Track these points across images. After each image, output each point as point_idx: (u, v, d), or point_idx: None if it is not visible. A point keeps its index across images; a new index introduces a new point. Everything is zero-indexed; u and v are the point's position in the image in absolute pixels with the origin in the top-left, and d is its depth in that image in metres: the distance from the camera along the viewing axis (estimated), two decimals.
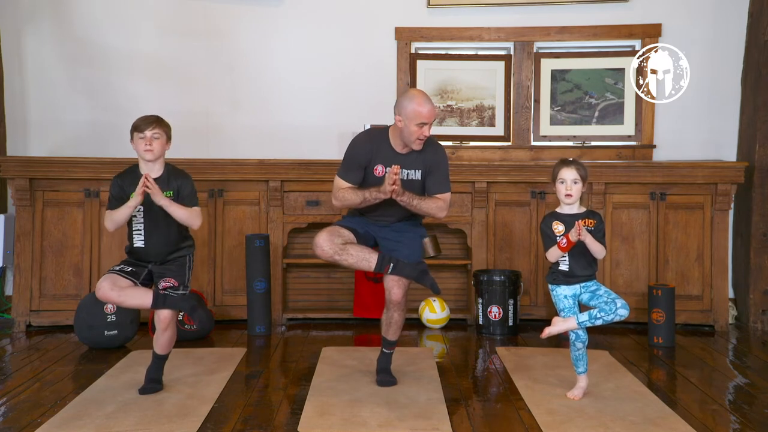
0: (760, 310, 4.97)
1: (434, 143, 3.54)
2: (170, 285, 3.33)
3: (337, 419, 3.07)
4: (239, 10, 5.36)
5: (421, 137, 3.38)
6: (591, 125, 5.39)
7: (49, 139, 5.31)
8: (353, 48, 5.39)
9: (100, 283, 3.23)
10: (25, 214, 4.79)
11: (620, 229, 4.91)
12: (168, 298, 3.30)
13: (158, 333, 3.38)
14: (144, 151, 3.30)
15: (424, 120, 3.35)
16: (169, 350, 3.45)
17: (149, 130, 3.30)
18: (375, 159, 3.47)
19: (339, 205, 3.51)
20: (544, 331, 3.32)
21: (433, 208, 3.45)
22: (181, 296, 3.34)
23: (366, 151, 3.47)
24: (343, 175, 3.49)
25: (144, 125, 3.31)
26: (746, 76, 5.19)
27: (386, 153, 3.47)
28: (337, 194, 3.48)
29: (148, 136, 3.29)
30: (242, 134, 5.35)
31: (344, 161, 3.51)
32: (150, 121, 3.32)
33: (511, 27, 5.38)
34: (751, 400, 3.43)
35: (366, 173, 3.48)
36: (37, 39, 5.30)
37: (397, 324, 3.55)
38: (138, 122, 3.33)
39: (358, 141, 3.53)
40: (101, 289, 3.22)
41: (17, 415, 3.14)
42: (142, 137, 3.30)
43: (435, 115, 3.42)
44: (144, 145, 3.30)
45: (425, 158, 3.48)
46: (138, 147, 3.32)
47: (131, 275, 3.31)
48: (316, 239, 3.44)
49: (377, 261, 3.41)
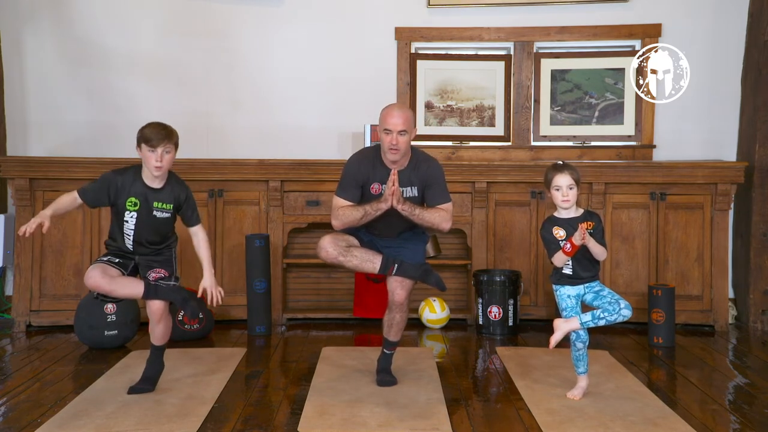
0: (760, 310, 4.97)
1: (427, 158, 3.53)
2: (160, 275, 3.31)
3: (337, 419, 3.07)
4: (239, 10, 5.36)
5: (390, 146, 3.36)
6: (591, 125, 5.39)
7: (49, 139, 5.31)
8: (353, 48, 5.39)
9: (90, 272, 3.18)
10: (25, 214, 4.79)
11: (620, 229, 4.91)
12: (159, 288, 3.28)
13: (152, 325, 3.37)
14: (154, 167, 3.19)
15: (387, 126, 3.35)
16: (165, 341, 3.43)
17: (161, 146, 3.18)
18: (371, 178, 3.46)
19: (339, 224, 3.45)
20: (551, 342, 3.30)
21: (436, 218, 3.43)
22: (172, 287, 3.33)
23: (362, 171, 3.46)
24: (341, 194, 3.47)
25: (156, 140, 3.16)
26: (746, 76, 5.20)
27: (381, 171, 3.45)
28: (337, 213, 3.44)
29: (160, 152, 3.18)
30: (242, 134, 5.35)
31: (341, 181, 3.50)
32: (162, 137, 3.17)
33: (511, 27, 5.38)
34: (751, 400, 3.43)
35: (363, 192, 3.48)
36: (37, 39, 5.30)
37: (399, 325, 3.55)
38: (149, 134, 3.18)
39: (353, 161, 3.53)
40: (92, 278, 3.16)
41: (17, 415, 3.14)
42: (152, 152, 3.18)
43: (402, 125, 3.33)
44: (154, 160, 3.18)
45: (419, 174, 3.47)
46: (148, 161, 3.19)
47: (119, 266, 3.28)
48: (321, 242, 3.44)
49: (381, 262, 3.41)
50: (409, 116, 3.39)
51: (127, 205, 3.25)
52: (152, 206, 3.26)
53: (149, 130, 3.21)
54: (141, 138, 3.21)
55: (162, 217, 3.29)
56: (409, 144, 3.43)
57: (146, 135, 3.19)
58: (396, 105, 3.48)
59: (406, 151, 3.41)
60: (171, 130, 3.26)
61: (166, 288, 3.31)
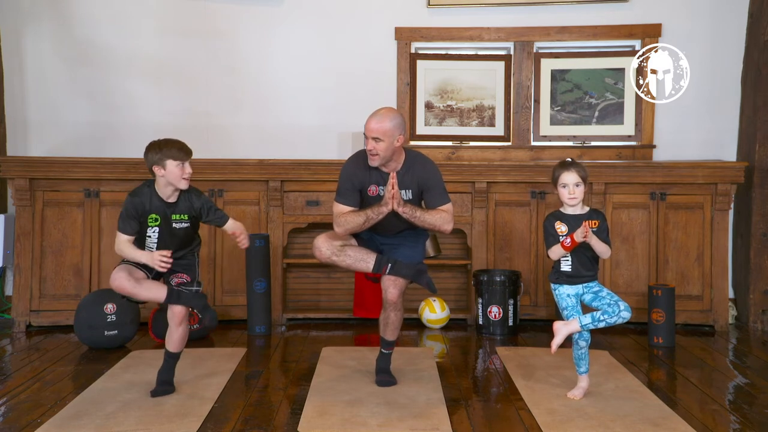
0: (760, 310, 4.97)
1: (422, 159, 3.52)
2: (183, 281, 3.34)
3: (337, 419, 3.07)
4: (239, 10, 5.36)
5: (370, 151, 3.35)
6: (591, 125, 5.39)
7: (49, 139, 5.31)
8: (353, 48, 5.38)
9: (116, 273, 3.20)
10: (25, 214, 4.79)
11: (620, 229, 4.91)
12: (182, 294, 3.31)
13: (171, 329, 3.38)
14: (182, 179, 3.23)
15: (365, 132, 3.35)
16: (182, 348, 3.43)
17: (188, 160, 3.24)
18: (368, 180, 3.45)
19: (342, 231, 3.43)
20: (552, 346, 3.29)
21: (437, 220, 3.41)
22: (194, 293, 3.35)
23: (357, 174, 3.45)
24: (340, 200, 3.46)
25: (185, 156, 3.23)
26: (746, 76, 5.20)
27: (376, 173, 3.44)
28: (339, 220, 3.43)
29: (188, 167, 3.24)
30: (242, 134, 5.35)
31: (339, 188, 3.49)
32: (189, 151, 3.25)
33: (511, 27, 5.38)
34: (751, 400, 3.43)
35: (362, 196, 3.47)
36: (37, 39, 5.30)
37: (394, 324, 3.55)
38: (176, 152, 3.22)
39: (347, 166, 3.51)
40: (117, 279, 3.18)
41: (17, 415, 3.14)
42: (180, 166, 3.22)
43: (376, 132, 3.31)
44: (183, 174, 3.22)
45: (414, 176, 3.45)
46: (175, 176, 3.22)
47: (144, 268, 3.30)
48: (315, 241, 3.44)
49: (375, 261, 3.41)
50: (386, 124, 3.32)
51: (149, 222, 3.28)
52: (171, 219, 3.30)
53: (173, 148, 3.23)
54: (165, 156, 3.21)
55: (182, 228, 3.33)
56: (391, 149, 3.37)
57: (173, 152, 3.21)
58: (378, 112, 3.39)
59: (387, 156, 3.38)
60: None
61: (188, 294, 3.33)
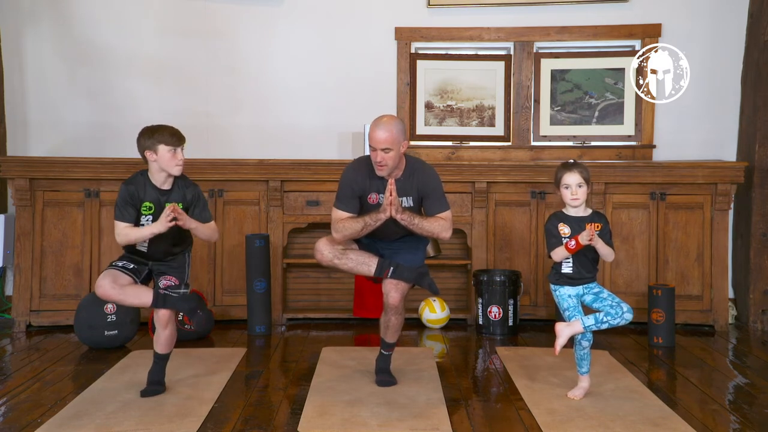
0: (760, 310, 4.97)
1: (422, 165, 3.50)
2: (171, 284, 3.33)
3: (337, 419, 3.07)
4: (239, 10, 5.36)
5: (379, 162, 3.33)
6: (591, 125, 5.39)
7: (49, 139, 5.31)
8: (353, 48, 5.38)
9: (100, 281, 3.21)
10: (25, 214, 4.79)
11: (620, 229, 4.91)
12: (168, 298, 3.30)
13: (158, 331, 3.37)
14: (176, 166, 3.24)
15: (371, 143, 3.32)
16: (170, 349, 3.44)
17: (180, 145, 3.25)
18: (368, 188, 3.43)
19: (340, 237, 3.41)
20: (555, 348, 3.28)
21: (436, 227, 3.39)
22: (181, 296, 3.34)
23: (358, 182, 3.43)
24: (340, 206, 3.45)
25: (178, 141, 3.23)
26: (746, 76, 5.20)
27: (377, 181, 3.42)
28: (337, 225, 3.41)
29: (179, 151, 3.25)
30: (242, 134, 5.35)
31: (338, 193, 3.47)
32: (180, 136, 3.25)
33: (511, 27, 5.38)
34: (751, 400, 3.43)
35: (362, 203, 3.46)
36: (37, 39, 5.30)
37: (394, 327, 3.54)
38: (168, 137, 3.22)
39: (348, 173, 3.48)
40: (102, 287, 3.20)
41: (17, 415, 3.14)
42: (171, 151, 3.22)
43: (385, 142, 3.28)
44: (175, 161, 3.23)
45: (415, 183, 3.44)
46: (168, 162, 3.22)
47: (133, 272, 3.30)
48: (317, 244, 3.44)
49: (377, 265, 3.41)
50: (393, 133, 3.29)
51: (143, 210, 3.28)
52: (165, 207, 3.27)
53: (165, 133, 3.24)
54: (157, 141, 3.22)
55: None
56: (398, 157, 3.36)
57: (165, 137, 3.22)
58: (381, 120, 3.34)
59: (395, 165, 3.36)
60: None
61: (175, 297, 3.32)
